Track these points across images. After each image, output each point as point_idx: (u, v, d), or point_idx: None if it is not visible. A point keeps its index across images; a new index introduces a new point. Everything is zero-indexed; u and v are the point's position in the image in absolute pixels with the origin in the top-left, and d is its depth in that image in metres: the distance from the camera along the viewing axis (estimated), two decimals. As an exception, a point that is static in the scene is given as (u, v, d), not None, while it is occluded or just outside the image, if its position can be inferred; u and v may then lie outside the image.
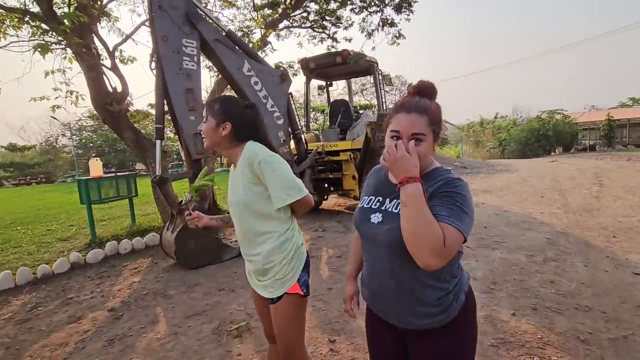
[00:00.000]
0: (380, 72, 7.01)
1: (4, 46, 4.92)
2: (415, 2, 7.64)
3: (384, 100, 7.09)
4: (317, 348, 2.36)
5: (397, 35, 7.81)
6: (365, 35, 7.78)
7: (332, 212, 6.72)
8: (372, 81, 7.30)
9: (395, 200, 1.06)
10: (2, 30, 4.97)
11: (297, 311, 1.44)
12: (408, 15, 7.77)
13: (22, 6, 5.16)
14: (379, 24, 7.67)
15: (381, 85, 6.96)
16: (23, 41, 5.18)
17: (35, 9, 5.07)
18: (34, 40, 5.09)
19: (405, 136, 0.99)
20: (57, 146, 29.06)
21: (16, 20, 5.18)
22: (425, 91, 1.05)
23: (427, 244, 0.88)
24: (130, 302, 3.28)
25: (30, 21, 5.12)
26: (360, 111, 7.97)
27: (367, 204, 1.15)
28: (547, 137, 21.71)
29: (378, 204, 1.11)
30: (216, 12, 7.70)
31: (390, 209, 1.06)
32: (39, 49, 3.92)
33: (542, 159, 17.38)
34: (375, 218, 1.08)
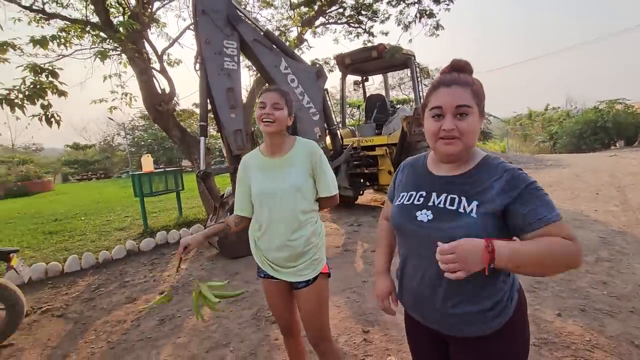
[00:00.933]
0: (417, 65, 6.84)
1: (70, 54, 5.46)
2: (456, -10, 7.33)
3: (421, 94, 6.92)
4: (351, 337, 2.42)
5: (436, 26, 7.55)
6: (402, 28, 7.61)
7: (368, 207, 6.72)
8: (409, 74, 7.14)
9: (444, 195, 0.95)
10: (68, 39, 5.54)
11: (327, 291, 1.55)
12: (448, 4, 7.49)
13: (83, 17, 5.70)
14: (416, 15, 7.45)
15: (419, 79, 6.80)
16: (85, 49, 5.73)
17: (94, 19, 5.58)
18: (94, 48, 5.62)
19: (449, 111, 0.89)
20: (113, 145, 31.63)
21: (79, 30, 5.75)
22: (461, 68, 0.96)
23: (571, 260, 0.82)
24: (178, 287, 3.56)
25: (90, 31, 5.65)
26: (397, 106, 7.84)
27: (409, 200, 1.03)
28: (606, 130, 19.78)
29: (422, 199, 1.00)
30: (255, 12, 7.95)
31: (441, 205, 0.95)
32: (99, 56, 4.33)
33: (599, 154, 15.92)
34: (424, 216, 0.96)
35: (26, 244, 5.37)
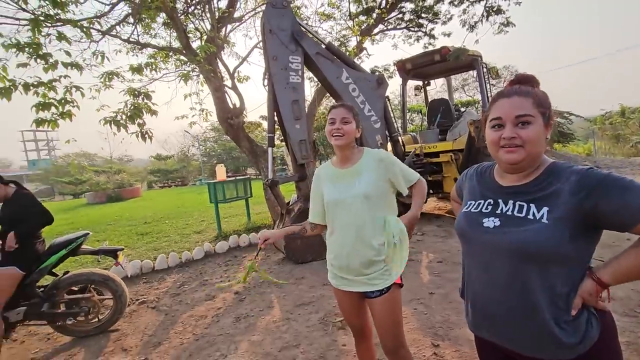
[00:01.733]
0: (484, 66, 6.47)
1: (159, 78, 6.25)
2: (529, -18, 6.82)
3: (489, 95, 6.52)
4: (420, 350, 2.38)
5: (505, 23, 7.08)
6: (467, 29, 7.27)
7: (432, 215, 6.48)
8: (475, 75, 6.79)
9: (512, 202, 0.94)
10: (156, 64, 6.36)
11: (400, 302, 1.56)
12: (519, -2, 6.99)
13: (167, 44, 6.50)
14: (482, 13, 7.08)
15: (486, 80, 6.42)
16: (170, 72, 6.51)
17: (176, 44, 6.32)
18: (178, 70, 6.35)
19: (509, 120, 0.89)
20: (189, 155, 35.00)
21: (164, 56, 6.55)
22: (524, 81, 0.96)
23: None
24: (250, 288, 3.82)
25: (173, 55, 6.41)
26: (462, 109, 7.47)
27: (476, 208, 1.02)
28: None
29: (490, 207, 0.98)
30: (316, 26, 8.25)
31: (509, 212, 0.93)
32: (183, 78, 4.91)
33: None
34: (490, 222, 0.95)
35: (124, 243, 6.22)
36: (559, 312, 0.87)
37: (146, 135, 4.53)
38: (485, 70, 6.51)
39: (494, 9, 7.20)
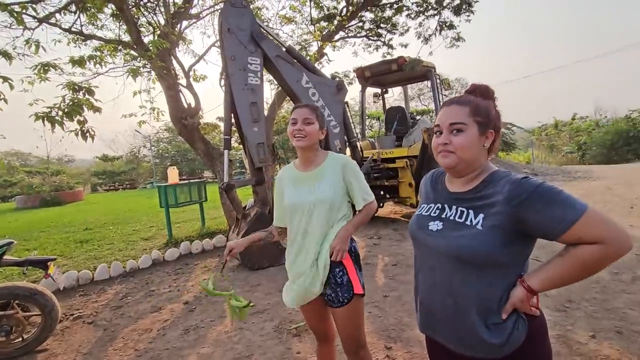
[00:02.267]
0: (438, 77, 6.82)
1: (104, 72, 5.79)
2: (476, 1, 7.33)
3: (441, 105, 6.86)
4: (374, 353, 2.39)
5: (457, 37, 7.53)
6: (422, 41, 7.63)
7: (388, 219, 6.65)
8: (429, 86, 7.14)
9: (455, 208, 1.00)
10: (102, 58, 5.89)
11: (362, 310, 1.57)
12: (468, 16, 7.48)
13: (116, 37, 6.05)
14: (436, 28, 7.48)
15: (439, 90, 6.77)
16: (118, 67, 6.06)
17: (126, 38, 5.91)
18: (126, 66, 5.93)
19: (445, 127, 0.97)
20: (139, 156, 32.93)
21: (112, 49, 6.10)
22: (479, 92, 1.00)
23: (602, 263, 0.83)
24: (201, 297, 3.62)
25: (122, 49, 5.98)
26: (417, 117, 7.81)
27: (427, 211, 1.09)
28: (639, 140, 18.88)
29: (438, 211, 1.05)
30: (277, 29, 8.17)
31: (452, 217, 1.00)
32: (131, 74, 4.58)
33: (632, 165, 15.16)
34: (435, 225, 1.02)
35: (59, 252, 5.63)
36: (489, 314, 0.92)
37: (87, 134, 4.15)
38: (438, 81, 6.86)
39: (447, 24, 7.63)
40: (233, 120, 4.55)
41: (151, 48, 5.03)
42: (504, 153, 20.34)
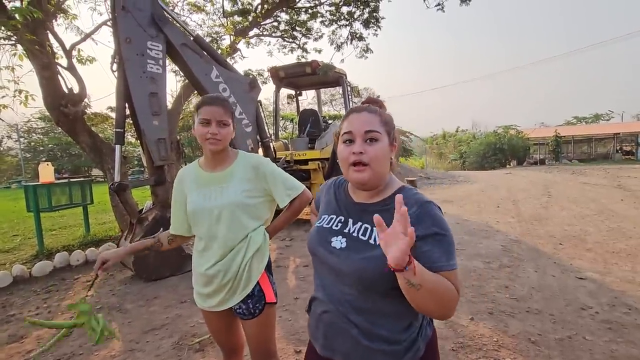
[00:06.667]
0: (349, 84, 7.19)
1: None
2: (383, 18, 7.97)
3: (352, 111, 7.24)
4: (283, 358, 2.33)
5: (365, 49, 8.06)
6: (335, 48, 7.96)
7: (300, 220, 6.70)
8: (341, 92, 7.47)
9: (360, 224, 0.94)
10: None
11: (274, 319, 1.49)
12: (376, 30, 8.07)
13: (-35, -4, 4.75)
14: (347, 37, 7.88)
15: (350, 97, 7.13)
16: (-34, 34, 4.76)
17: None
18: (-22, 34, 4.70)
19: (359, 135, 0.90)
20: (2, 149, 26.67)
21: (-42, 11, 4.76)
22: (374, 104, 1.01)
23: (451, 306, 0.81)
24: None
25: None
26: (329, 121, 8.09)
27: (328, 223, 1.01)
28: (503, 151, 23.22)
29: (340, 225, 0.98)
30: (184, 16, 7.53)
31: (355, 234, 0.94)
32: (-16, 44, 3.62)
33: (498, 171, 18.50)
34: (338, 242, 0.94)
35: None
36: (395, 329, 0.89)
37: None
38: (349, 88, 7.23)
39: (357, 35, 8.11)
40: (128, 112, 3.99)
41: (17, 16, 4.08)
42: (403, 158, 22.66)
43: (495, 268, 3.79)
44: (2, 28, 4.47)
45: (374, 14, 7.67)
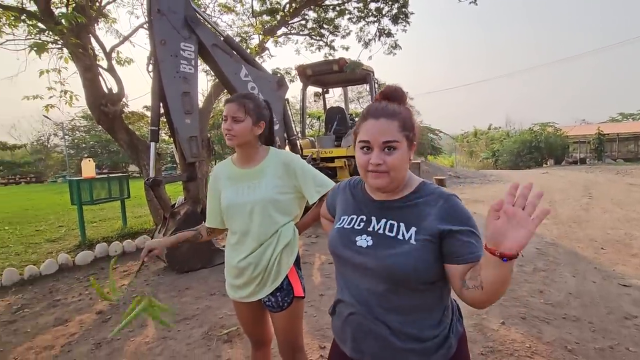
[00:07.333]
0: (376, 81, 7.11)
1: (0, 44, 4.88)
2: (412, 13, 7.78)
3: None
4: (308, 354, 2.35)
5: (394, 45, 7.91)
6: (362, 45, 7.86)
7: (326, 218, 6.73)
8: (368, 89, 7.41)
9: (384, 221, 0.94)
10: (-2, 26, 4.94)
11: (302, 313, 1.51)
12: (405, 26, 7.90)
13: (19, 4, 5.14)
14: (375, 34, 7.76)
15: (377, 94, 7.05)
16: (19, 40, 5.16)
17: (32, 7, 5.05)
18: (30, 39, 5.07)
19: (377, 145, 0.88)
20: (49, 146, 28.72)
21: (12, 18, 5.16)
22: (392, 95, 0.95)
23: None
24: (118, 306, 3.23)
25: (26, 20, 5.10)
26: (356, 119, 8.05)
27: (349, 224, 0.99)
28: (539, 149, 22.06)
29: (362, 224, 0.97)
30: (215, 17, 7.73)
31: (380, 231, 0.93)
32: (35, 48, 3.92)
33: (534, 171, 17.61)
34: (363, 241, 0.93)
35: None
36: (428, 326, 0.89)
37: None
38: (376, 85, 7.15)
39: (385, 32, 7.98)
40: (162, 111, 4.16)
41: (63, 22, 4.37)
42: (432, 156, 22.11)
43: (529, 272, 3.63)
44: (50, 33, 4.79)
45: (403, 9, 7.51)
